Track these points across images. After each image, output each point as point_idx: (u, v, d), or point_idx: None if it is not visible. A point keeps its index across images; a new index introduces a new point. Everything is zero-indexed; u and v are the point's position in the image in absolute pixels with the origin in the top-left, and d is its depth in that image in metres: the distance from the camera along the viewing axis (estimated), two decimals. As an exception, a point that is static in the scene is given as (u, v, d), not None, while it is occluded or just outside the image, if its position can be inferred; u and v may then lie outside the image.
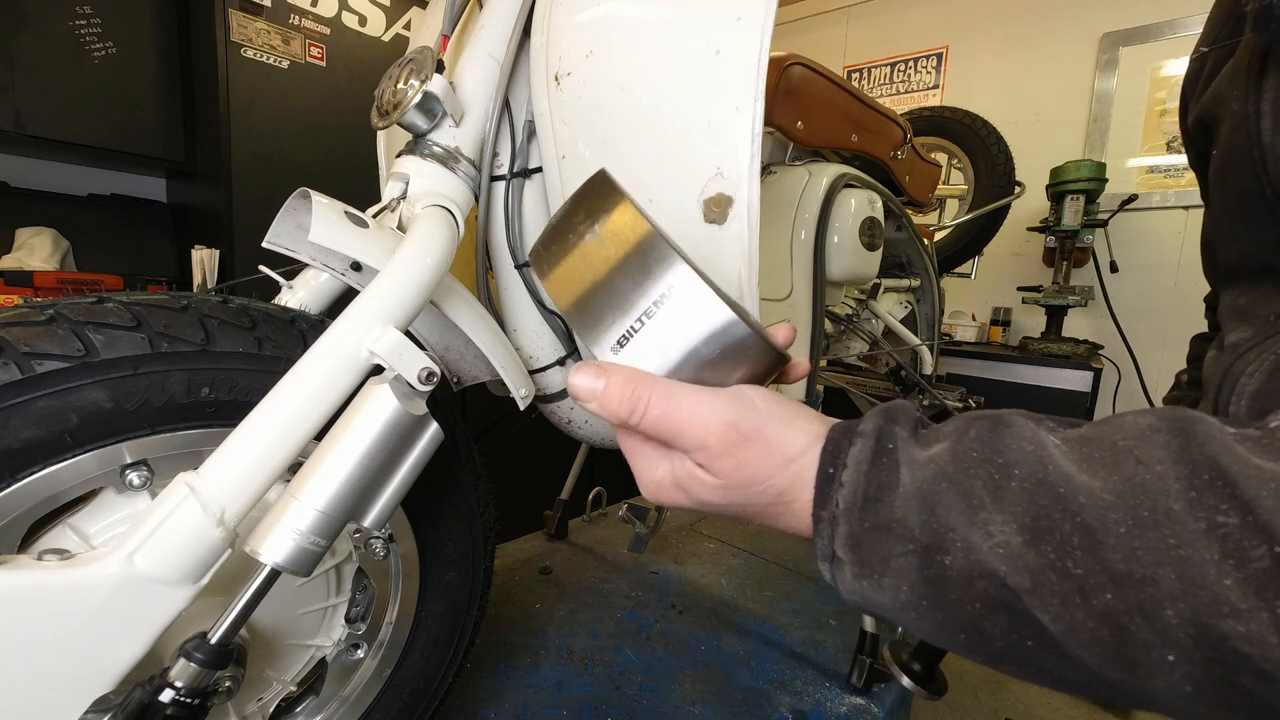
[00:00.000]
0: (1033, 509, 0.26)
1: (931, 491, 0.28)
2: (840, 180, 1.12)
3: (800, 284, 1.08)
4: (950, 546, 0.27)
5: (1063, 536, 0.25)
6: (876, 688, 0.93)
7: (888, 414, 0.33)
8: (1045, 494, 0.26)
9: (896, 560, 0.29)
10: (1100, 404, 2.19)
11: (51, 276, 1.67)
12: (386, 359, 0.45)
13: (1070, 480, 0.25)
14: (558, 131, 0.63)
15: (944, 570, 0.27)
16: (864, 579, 0.30)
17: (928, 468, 0.29)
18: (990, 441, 0.28)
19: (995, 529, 0.26)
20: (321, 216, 0.51)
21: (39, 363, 0.40)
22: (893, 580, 0.29)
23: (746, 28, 0.52)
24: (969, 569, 0.27)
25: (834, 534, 0.31)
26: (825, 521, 0.31)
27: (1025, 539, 0.25)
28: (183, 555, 0.39)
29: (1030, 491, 0.26)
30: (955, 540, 0.27)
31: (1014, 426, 0.29)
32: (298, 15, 1.76)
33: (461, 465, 0.63)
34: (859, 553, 0.30)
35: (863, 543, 0.30)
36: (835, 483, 0.31)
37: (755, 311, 0.58)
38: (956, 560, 0.27)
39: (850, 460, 0.31)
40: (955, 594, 0.27)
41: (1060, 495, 0.25)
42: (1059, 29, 2.58)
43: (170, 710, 0.40)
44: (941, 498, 0.28)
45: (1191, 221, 2.34)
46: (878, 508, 0.29)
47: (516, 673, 0.91)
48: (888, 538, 0.29)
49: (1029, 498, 0.26)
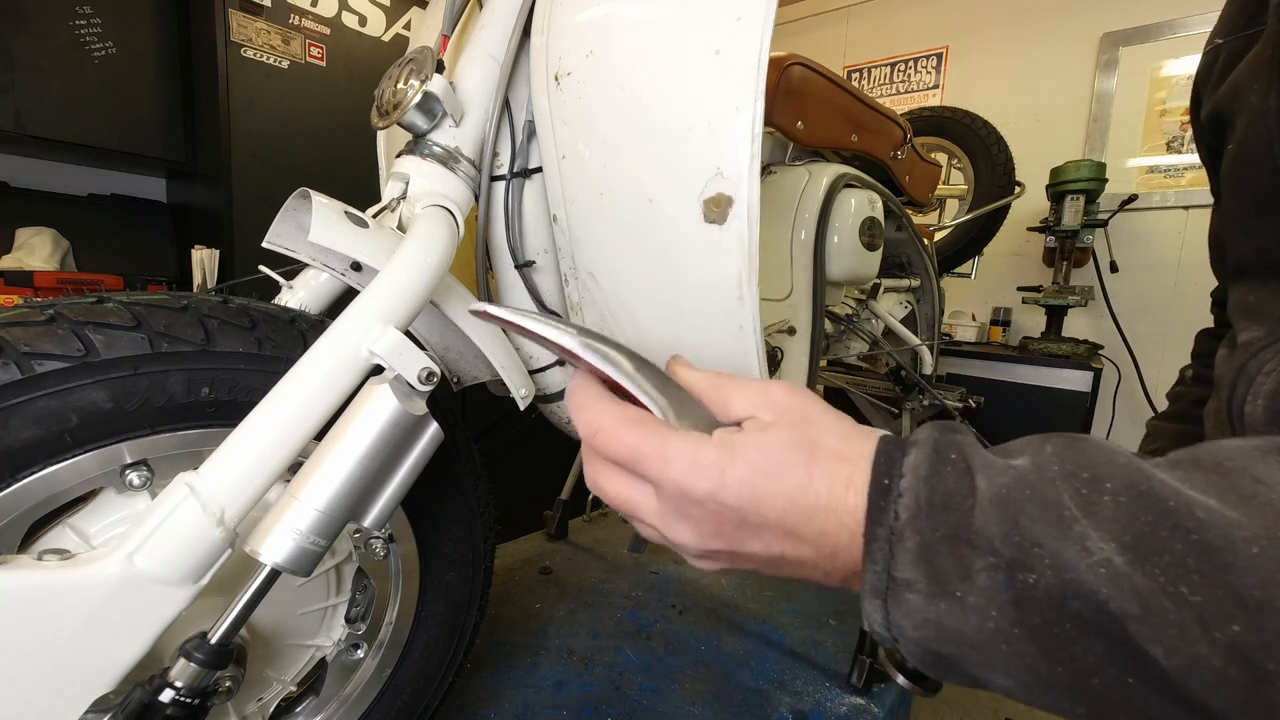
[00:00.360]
0: (1134, 525, 0.22)
1: (1013, 499, 0.24)
2: (840, 180, 1.12)
3: (800, 284, 1.08)
4: (1036, 563, 0.23)
5: (1174, 557, 0.21)
6: (876, 688, 0.93)
7: (943, 426, 0.29)
8: (1148, 508, 0.22)
9: (980, 576, 0.24)
10: (1100, 404, 2.19)
11: (51, 276, 1.67)
12: (386, 359, 0.45)
13: (1179, 494, 0.22)
14: (558, 131, 0.63)
15: (1030, 590, 0.23)
16: (941, 599, 0.25)
17: (1006, 473, 0.25)
18: (1072, 455, 0.25)
19: (1093, 544, 0.23)
20: (321, 216, 0.51)
21: (39, 363, 0.40)
22: (978, 600, 0.24)
23: (746, 28, 0.52)
24: (1060, 588, 0.23)
25: (894, 552, 0.26)
26: (881, 540, 0.27)
27: (1128, 558, 0.22)
28: (183, 555, 0.39)
29: (1129, 506, 0.23)
30: (1042, 556, 0.23)
31: (1095, 442, 0.26)
32: (298, 15, 1.76)
33: (461, 465, 0.63)
34: (933, 566, 0.25)
35: (938, 555, 0.25)
36: (893, 493, 0.27)
37: (755, 311, 0.58)
38: (1044, 579, 0.23)
39: (907, 469, 0.27)
40: (1041, 617, 0.23)
41: (1169, 510, 0.22)
42: (1059, 29, 2.58)
43: (170, 710, 0.40)
44: (1025, 507, 0.24)
45: (1191, 221, 2.34)
46: (947, 515, 0.25)
47: (516, 673, 0.91)
48: (967, 551, 0.25)
49: (1128, 512, 0.23)
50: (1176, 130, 2.36)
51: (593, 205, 0.63)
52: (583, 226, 0.65)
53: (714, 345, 0.62)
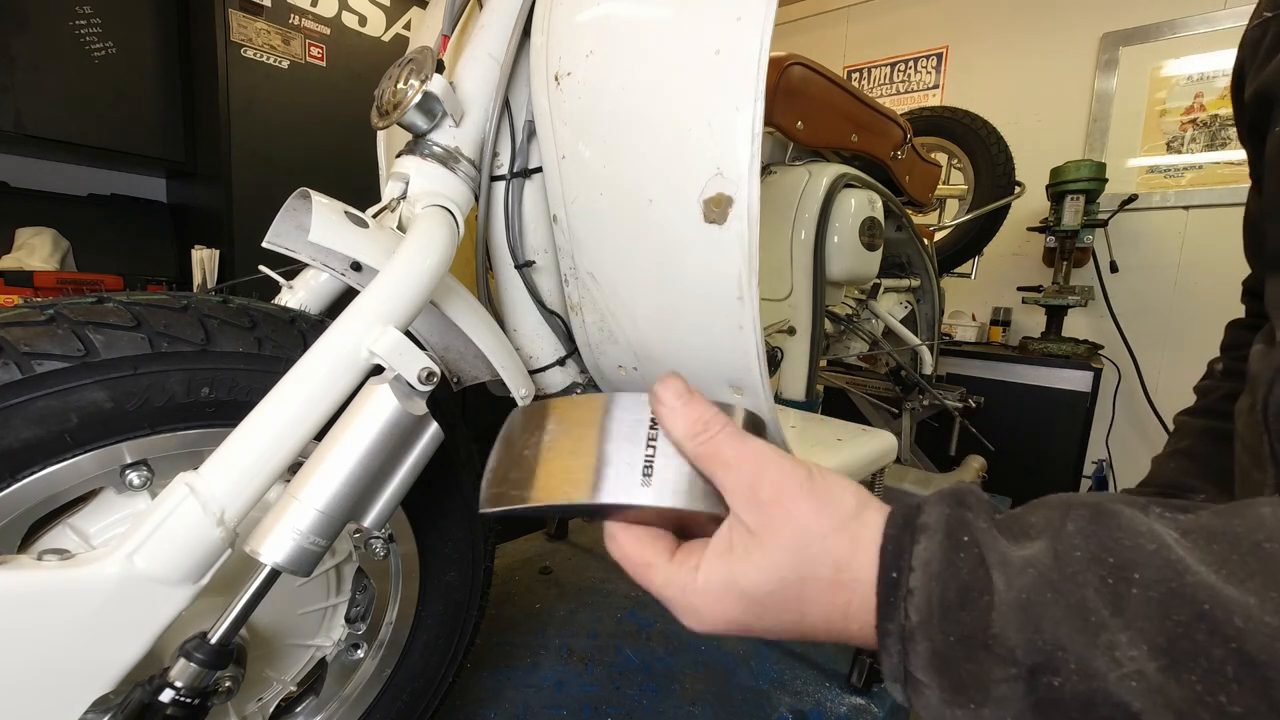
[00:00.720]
0: (1166, 627, 0.21)
1: (1035, 603, 0.23)
2: (840, 180, 1.12)
3: (800, 284, 1.09)
4: (1061, 667, 0.23)
5: (1212, 664, 0.20)
6: (876, 688, 0.93)
7: (955, 499, 0.28)
8: (1182, 608, 0.21)
9: (998, 687, 0.24)
10: (1100, 404, 2.19)
11: (51, 276, 1.67)
12: (386, 359, 0.45)
13: (1215, 594, 0.21)
14: (558, 131, 0.63)
15: (1055, 693, 0.23)
16: (957, 708, 0.25)
17: (1025, 573, 0.24)
18: (1096, 536, 0.24)
19: (1122, 653, 0.21)
20: (321, 216, 0.51)
21: (39, 363, 0.40)
22: (994, 711, 0.24)
23: (746, 28, 0.52)
24: (1088, 694, 0.22)
25: (908, 652, 0.26)
26: (894, 636, 0.26)
27: (1161, 664, 0.21)
28: (183, 555, 0.39)
29: (1160, 603, 0.22)
30: (1068, 660, 0.22)
31: (1121, 517, 0.24)
32: (298, 15, 1.76)
33: (461, 465, 0.63)
34: (949, 675, 0.25)
35: (952, 663, 0.25)
36: (901, 589, 0.26)
37: (755, 311, 0.58)
38: (1069, 683, 0.22)
39: (917, 561, 0.26)
40: (1066, 719, 0.23)
41: (1204, 614, 0.21)
42: (1059, 29, 2.58)
43: (170, 710, 0.40)
44: (1048, 611, 0.23)
45: (1191, 221, 2.34)
46: (961, 616, 0.25)
47: (516, 673, 0.91)
48: (984, 657, 0.24)
49: (1159, 611, 0.21)
50: (1176, 130, 2.36)
51: (593, 205, 0.63)
52: (583, 226, 0.65)
53: (714, 345, 0.62)
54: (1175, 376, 2.35)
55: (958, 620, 0.25)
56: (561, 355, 0.80)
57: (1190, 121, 2.32)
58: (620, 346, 0.71)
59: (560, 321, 0.78)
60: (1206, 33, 2.26)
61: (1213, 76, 2.27)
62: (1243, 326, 0.62)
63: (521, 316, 0.78)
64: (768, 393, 0.62)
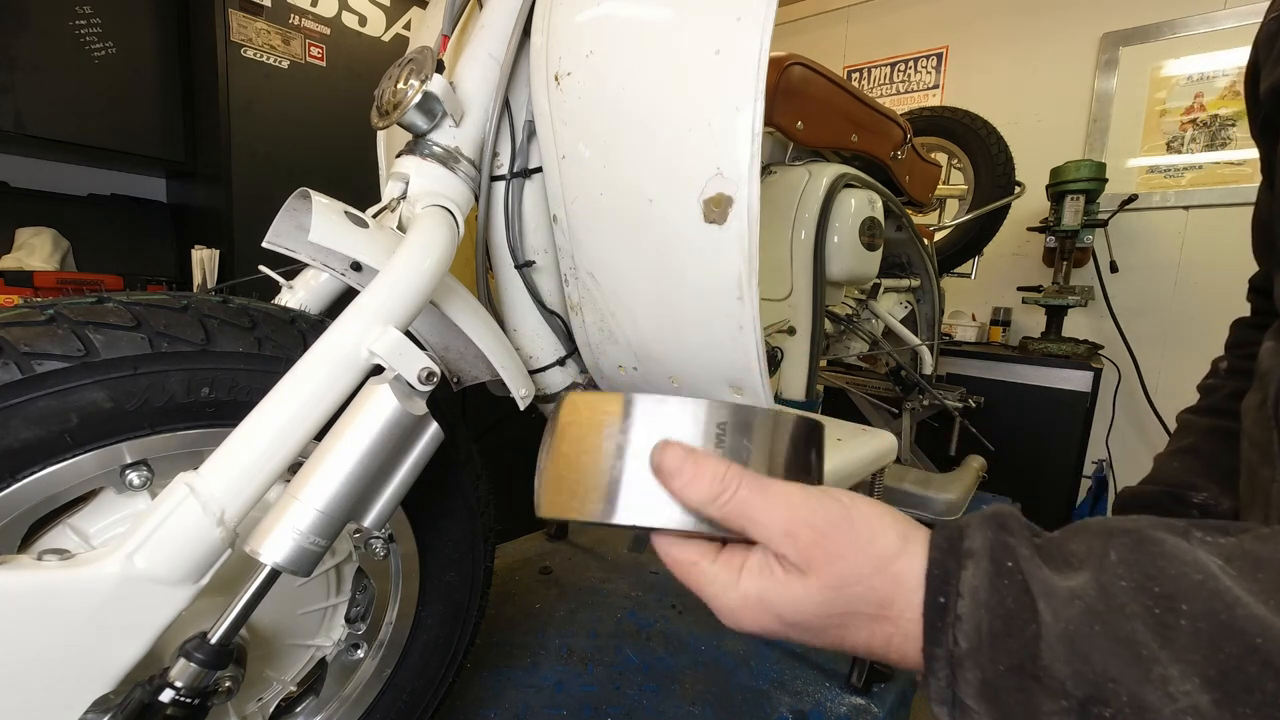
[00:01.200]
0: (1218, 659, 0.21)
1: (1083, 635, 0.23)
2: (840, 180, 1.12)
3: (800, 284, 1.09)
4: (1112, 699, 0.23)
5: (1266, 697, 0.20)
6: (876, 688, 0.93)
7: (997, 523, 0.28)
8: (1232, 641, 0.21)
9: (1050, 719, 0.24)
10: (1100, 404, 2.19)
11: (51, 276, 1.67)
12: (386, 359, 0.45)
13: (1266, 627, 0.21)
14: (558, 131, 0.63)
15: None
16: None
17: (1072, 605, 0.24)
18: (1141, 565, 0.24)
19: (1175, 688, 0.22)
20: (321, 216, 0.51)
21: (39, 363, 0.40)
22: None
23: (746, 28, 0.52)
24: None
25: (957, 678, 0.26)
26: (941, 660, 0.26)
27: (1215, 698, 0.21)
28: (183, 555, 0.39)
29: (1210, 636, 0.22)
30: (1119, 693, 0.22)
31: (1164, 545, 0.24)
32: (298, 15, 1.76)
33: (461, 465, 0.63)
34: (999, 705, 0.25)
35: (1003, 693, 0.25)
36: (949, 614, 0.26)
37: (755, 311, 0.58)
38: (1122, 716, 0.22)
39: (965, 588, 0.26)
40: None
41: (1257, 647, 0.21)
42: (1059, 29, 2.58)
43: (170, 710, 0.40)
44: (1097, 643, 0.23)
45: (1191, 221, 2.34)
46: (1009, 644, 0.25)
47: (516, 673, 0.91)
48: (1035, 688, 0.24)
49: (1209, 643, 0.22)
50: (1176, 130, 2.35)
51: (593, 205, 0.63)
52: (583, 226, 0.65)
53: (714, 345, 0.62)
54: (1175, 376, 2.35)
55: (1006, 649, 0.25)
56: (561, 355, 0.80)
57: (1190, 121, 2.32)
58: (620, 346, 0.71)
59: (560, 321, 0.78)
60: (1206, 33, 2.26)
61: (1213, 76, 2.26)
62: (1249, 325, 0.62)
63: (521, 316, 0.78)
64: (768, 393, 0.62)
